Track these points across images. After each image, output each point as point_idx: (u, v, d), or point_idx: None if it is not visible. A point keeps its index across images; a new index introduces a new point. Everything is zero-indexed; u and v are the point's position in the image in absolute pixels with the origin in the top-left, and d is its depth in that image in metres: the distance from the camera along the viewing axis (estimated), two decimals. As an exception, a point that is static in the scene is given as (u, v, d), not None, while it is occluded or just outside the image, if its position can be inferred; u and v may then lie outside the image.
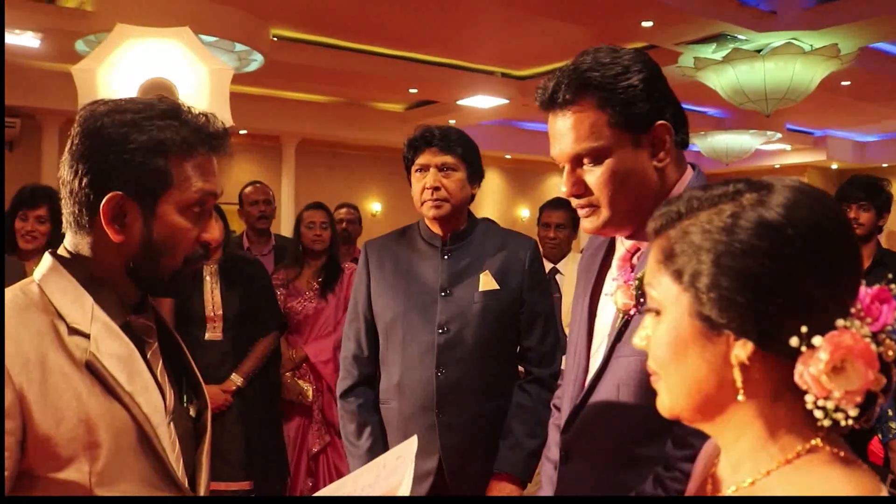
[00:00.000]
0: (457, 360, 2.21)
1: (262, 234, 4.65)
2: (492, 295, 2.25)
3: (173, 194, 1.17)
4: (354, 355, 2.36)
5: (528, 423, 2.24)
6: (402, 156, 2.34)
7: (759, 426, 0.83)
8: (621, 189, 1.38)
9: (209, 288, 3.54)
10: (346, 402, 2.35)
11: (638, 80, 1.36)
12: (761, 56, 7.24)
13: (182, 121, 1.19)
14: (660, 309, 0.87)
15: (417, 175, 2.29)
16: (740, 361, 0.81)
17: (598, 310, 1.54)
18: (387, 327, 2.30)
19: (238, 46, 7.11)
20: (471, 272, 2.27)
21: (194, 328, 3.52)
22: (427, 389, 2.21)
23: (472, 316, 2.23)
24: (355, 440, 2.30)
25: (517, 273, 2.29)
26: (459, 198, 2.28)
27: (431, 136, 2.27)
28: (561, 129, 1.39)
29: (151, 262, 1.19)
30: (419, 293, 2.27)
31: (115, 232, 1.16)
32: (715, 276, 0.80)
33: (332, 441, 3.78)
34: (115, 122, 1.15)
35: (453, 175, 2.27)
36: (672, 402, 0.88)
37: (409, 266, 2.32)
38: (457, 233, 2.32)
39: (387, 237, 2.46)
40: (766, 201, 0.81)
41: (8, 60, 7.95)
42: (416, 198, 2.30)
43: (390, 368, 2.30)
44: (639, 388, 1.36)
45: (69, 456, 1.05)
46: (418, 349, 2.23)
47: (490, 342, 2.24)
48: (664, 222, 0.88)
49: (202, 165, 1.20)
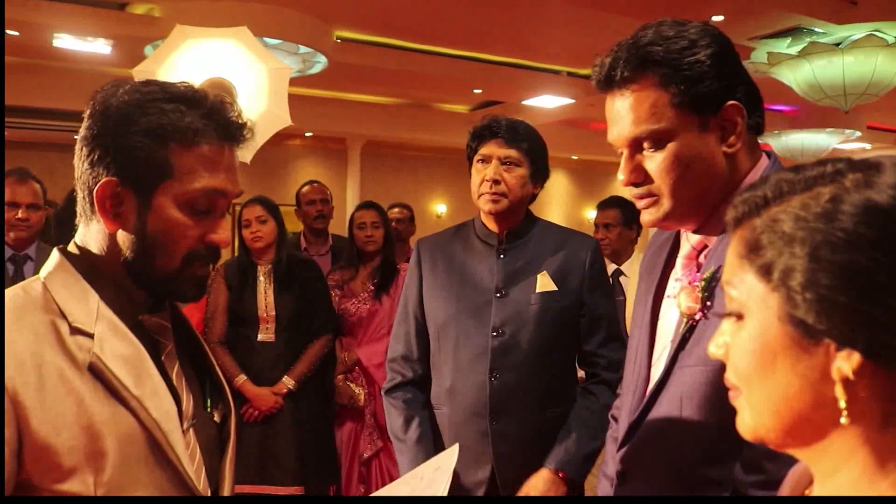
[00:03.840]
0: (511, 365, 2.09)
1: (319, 234, 4.61)
2: (549, 296, 2.12)
3: (172, 186, 1.06)
4: (403, 356, 2.26)
5: (590, 425, 2.10)
6: (466, 145, 2.22)
7: (864, 455, 0.68)
8: (685, 177, 1.23)
9: (262, 288, 3.51)
10: (392, 397, 2.24)
11: (706, 55, 1.21)
12: (840, 49, 6.92)
13: (193, 106, 1.08)
14: (742, 312, 0.72)
15: (479, 166, 2.17)
16: (843, 376, 0.66)
17: (661, 314, 1.39)
18: (438, 329, 2.19)
19: (302, 48, 7.16)
20: (527, 272, 2.14)
21: (248, 329, 3.51)
22: (480, 395, 2.09)
23: (528, 318, 2.10)
24: (402, 434, 2.18)
25: (577, 274, 2.15)
26: (519, 195, 2.15)
27: (497, 127, 2.15)
28: (619, 111, 1.26)
29: (146, 258, 1.08)
30: (473, 294, 2.15)
31: (110, 221, 1.07)
32: (812, 273, 0.66)
33: (384, 446, 3.69)
34: (122, 104, 1.06)
35: (515, 170, 2.14)
36: (756, 422, 0.73)
37: (463, 265, 2.20)
38: (513, 231, 2.19)
39: (440, 235, 2.35)
40: (874, 182, 0.66)
41: (81, 68, 8.20)
42: (475, 190, 2.17)
43: (442, 373, 2.19)
44: (704, 402, 1.21)
45: (71, 466, 0.95)
46: (471, 353, 2.12)
47: (547, 346, 2.11)
48: (747, 209, 0.74)
49: (211, 157, 1.08)
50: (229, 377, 3.43)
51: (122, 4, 6.95)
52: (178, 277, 1.11)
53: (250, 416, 3.40)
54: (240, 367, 3.45)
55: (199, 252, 1.11)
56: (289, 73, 3.91)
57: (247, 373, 3.44)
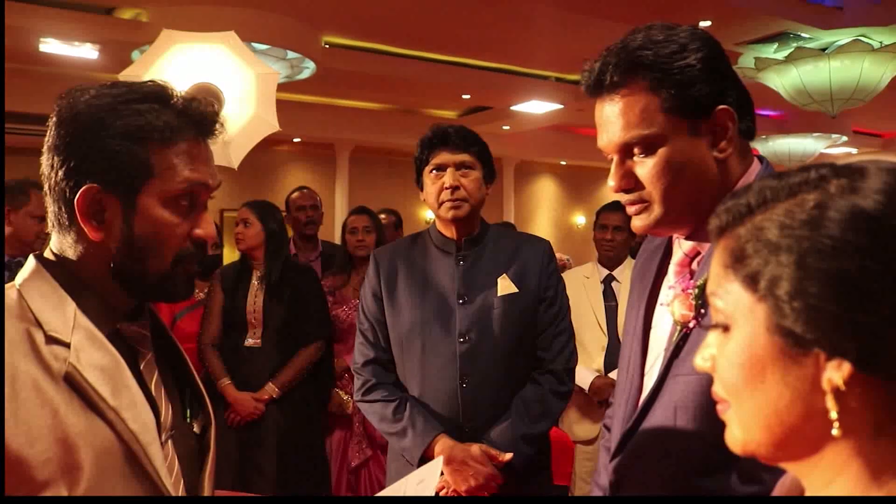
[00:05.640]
0: (481, 369, 2.12)
1: (309, 240, 4.58)
2: (511, 298, 2.16)
3: (155, 185, 1.05)
4: (374, 358, 2.23)
5: (529, 409, 2.12)
6: (414, 158, 2.25)
7: (857, 467, 0.67)
8: (676, 182, 1.22)
9: (253, 292, 3.49)
10: (369, 397, 2.20)
11: (696, 59, 1.20)
12: (826, 55, 6.96)
13: (165, 104, 1.07)
14: (729, 323, 0.71)
15: (432, 176, 2.20)
16: (834, 387, 0.64)
17: (654, 322, 1.37)
18: (402, 339, 2.19)
19: (290, 54, 7.14)
20: (488, 277, 2.19)
21: (237, 333, 3.48)
22: (452, 402, 2.12)
23: (492, 322, 2.14)
24: (396, 417, 2.12)
25: (534, 274, 2.20)
26: (477, 198, 2.20)
27: (448, 135, 2.19)
28: (608, 116, 1.24)
29: (136, 262, 1.06)
30: (436, 302, 2.17)
31: (93, 229, 1.04)
32: (799, 281, 0.64)
33: (373, 455, 3.66)
34: (91, 108, 1.04)
35: (471, 174, 2.19)
36: (746, 436, 0.71)
37: (423, 274, 2.22)
38: (471, 237, 2.23)
39: (397, 244, 2.38)
40: (860, 187, 0.65)
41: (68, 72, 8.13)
42: (432, 200, 2.20)
43: (409, 383, 2.19)
44: (699, 411, 1.19)
45: (45, 479, 0.92)
46: (439, 360, 2.13)
47: (513, 348, 2.15)
48: (731, 218, 0.72)
49: (189, 152, 1.07)
50: (215, 380, 3.41)
51: (109, 9, 6.90)
52: (170, 277, 1.09)
53: (231, 421, 3.37)
54: (226, 371, 3.42)
55: (188, 249, 1.10)
56: (276, 78, 3.88)
57: (234, 377, 3.41)
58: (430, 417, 2.10)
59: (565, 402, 2.23)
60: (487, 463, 2.04)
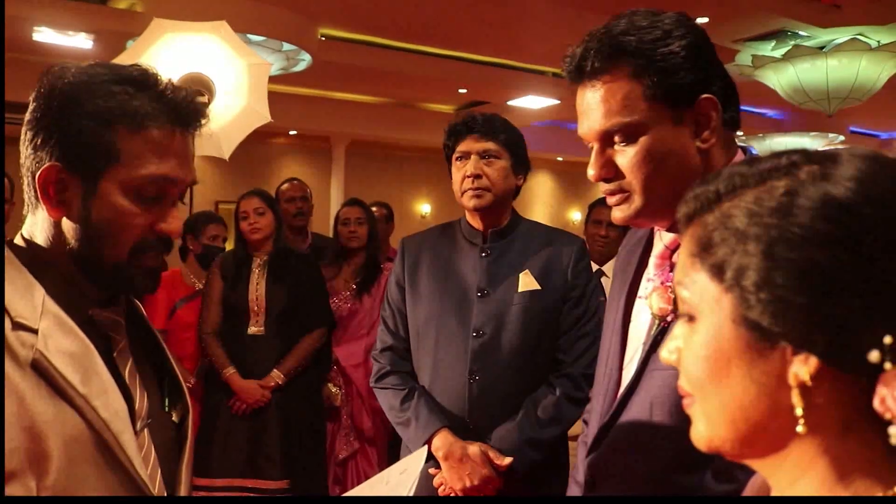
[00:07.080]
0: (492, 367, 2.05)
1: (299, 231, 4.56)
2: (532, 296, 2.07)
3: (118, 171, 1.01)
4: (390, 347, 2.20)
5: (542, 413, 2.03)
6: (443, 144, 2.19)
7: (824, 465, 0.64)
8: (657, 172, 1.18)
9: (255, 280, 3.48)
10: (382, 383, 2.17)
11: (680, 46, 1.17)
12: (824, 53, 6.94)
13: (143, 89, 1.03)
14: (694, 314, 0.68)
15: (458, 164, 2.14)
16: (801, 382, 0.61)
17: (633, 315, 1.35)
18: (419, 329, 2.15)
19: (286, 46, 7.09)
20: (510, 272, 2.11)
21: (239, 321, 3.48)
22: (459, 397, 2.06)
23: (509, 318, 2.06)
24: (405, 405, 2.09)
25: (561, 272, 2.11)
26: (502, 188, 2.12)
27: (473, 122, 2.13)
28: (589, 103, 1.21)
29: (92, 248, 1.03)
30: (455, 294, 2.11)
31: (52, 208, 1.02)
32: (767, 272, 0.61)
33: (361, 448, 3.66)
34: (68, 85, 1.01)
35: (496, 163, 2.12)
36: (711, 432, 0.69)
37: (446, 264, 2.16)
38: (498, 229, 2.16)
39: (426, 233, 2.31)
40: (832, 174, 0.62)
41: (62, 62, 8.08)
42: (457, 188, 2.14)
43: (420, 373, 2.15)
44: (676, 406, 1.15)
45: (12, 470, 0.89)
46: (450, 354, 2.08)
47: (529, 347, 2.07)
48: (699, 205, 0.69)
49: (160, 143, 1.03)
50: (219, 369, 3.40)
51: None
52: (126, 268, 1.06)
53: (237, 410, 3.37)
54: (230, 360, 3.42)
55: (149, 242, 1.07)
56: (268, 69, 3.85)
57: (237, 365, 3.41)
58: (435, 410, 2.05)
59: (581, 408, 2.07)
60: (485, 464, 1.97)
